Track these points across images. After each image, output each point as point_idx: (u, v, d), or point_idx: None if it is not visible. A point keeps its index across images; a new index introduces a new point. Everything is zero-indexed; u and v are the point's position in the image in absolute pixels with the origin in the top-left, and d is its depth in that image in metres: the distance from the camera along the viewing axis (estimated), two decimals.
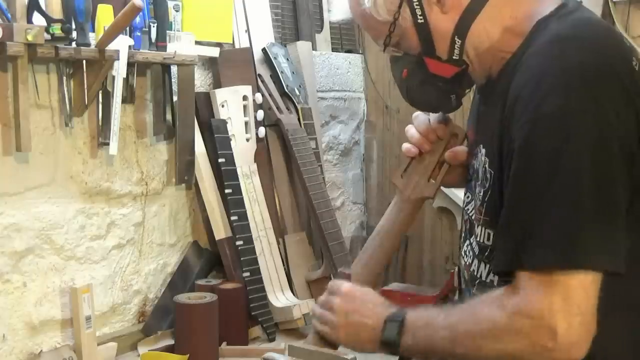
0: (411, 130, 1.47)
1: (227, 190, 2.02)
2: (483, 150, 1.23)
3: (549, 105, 1.06)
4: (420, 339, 1.18)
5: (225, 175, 2.03)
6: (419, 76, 1.28)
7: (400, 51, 1.28)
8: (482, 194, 1.23)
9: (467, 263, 1.30)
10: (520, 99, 1.10)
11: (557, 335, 1.03)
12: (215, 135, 2.03)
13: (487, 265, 1.24)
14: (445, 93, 1.30)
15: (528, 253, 1.05)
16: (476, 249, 1.27)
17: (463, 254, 1.33)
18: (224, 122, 2.06)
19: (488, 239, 1.22)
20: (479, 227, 1.25)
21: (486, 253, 1.23)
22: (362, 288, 1.32)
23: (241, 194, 2.05)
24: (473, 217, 1.28)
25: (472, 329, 1.11)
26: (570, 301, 1.03)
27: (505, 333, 1.07)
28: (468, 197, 1.33)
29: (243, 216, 2.05)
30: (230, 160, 2.05)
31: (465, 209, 1.34)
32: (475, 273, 1.27)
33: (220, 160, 2.02)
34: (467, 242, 1.31)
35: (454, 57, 1.24)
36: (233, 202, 2.03)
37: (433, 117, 1.45)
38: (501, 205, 1.14)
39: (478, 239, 1.25)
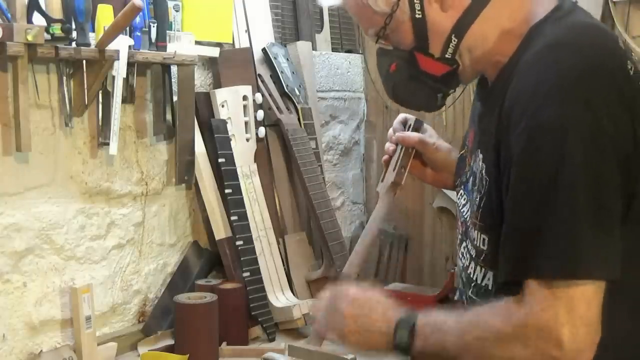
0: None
1: (227, 190, 2.02)
2: (480, 155, 1.23)
3: (544, 115, 1.06)
4: (430, 343, 1.19)
5: (225, 175, 2.03)
6: (408, 72, 1.26)
7: (390, 44, 1.27)
8: (478, 199, 1.23)
9: (465, 265, 1.31)
10: (516, 108, 1.10)
11: (563, 345, 1.05)
12: (215, 135, 2.03)
13: (483, 269, 1.24)
14: (433, 91, 1.29)
15: (532, 265, 1.07)
16: (472, 252, 1.27)
17: (460, 255, 1.34)
18: (224, 122, 2.06)
19: (483, 244, 1.22)
20: (475, 232, 1.25)
21: (482, 257, 1.24)
22: (368, 291, 1.31)
23: (241, 194, 2.05)
24: (469, 221, 1.28)
25: (480, 336, 1.13)
26: (574, 312, 1.05)
27: (512, 342, 1.09)
28: (465, 199, 1.33)
29: (243, 216, 2.05)
30: (230, 160, 2.04)
31: (461, 211, 1.34)
32: (472, 275, 1.28)
33: (220, 160, 2.02)
34: (464, 244, 1.32)
35: (446, 56, 1.23)
36: (233, 202, 2.03)
37: (395, 121, 1.52)
38: (497, 212, 1.15)
39: (475, 243, 1.25)
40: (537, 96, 1.08)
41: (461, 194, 1.35)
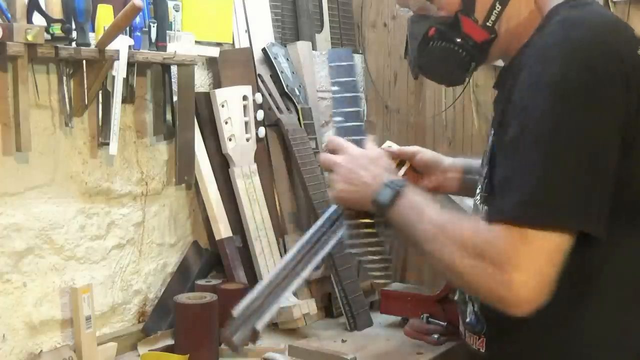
0: None
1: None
2: (492, 132, 1.29)
3: (548, 73, 1.11)
4: (405, 217, 1.28)
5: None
6: (449, 35, 1.31)
7: (428, 11, 1.33)
8: (487, 172, 1.29)
9: None
10: (524, 72, 1.15)
11: (512, 288, 1.07)
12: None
13: None
14: (468, 57, 1.33)
15: (507, 206, 1.10)
16: None
17: None
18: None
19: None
20: (481, 206, 1.31)
21: None
22: (365, 150, 1.44)
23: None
24: (478, 201, 1.35)
25: (448, 236, 1.18)
26: (534, 261, 1.07)
27: (472, 259, 1.12)
28: (480, 188, 1.40)
29: None
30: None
31: (475, 198, 1.41)
32: None
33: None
34: None
35: (487, 24, 1.29)
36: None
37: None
38: None
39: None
40: (543, 59, 1.13)
41: (477, 185, 1.42)
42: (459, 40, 1.30)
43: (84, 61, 1.74)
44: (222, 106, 2.07)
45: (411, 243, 1.28)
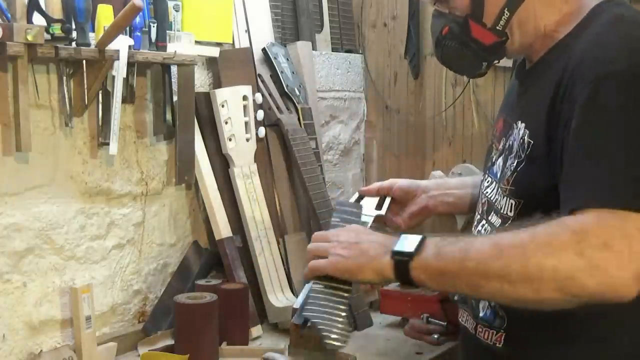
0: None
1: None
2: (522, 125, 1.28)
3: (614, 67, 1.12)
4: (446, 251, 1.14)
5: None
6: (459, 37, 1.34)
7: (447, 8, 1.35)
8: (514, 164, 1.27)
9: None
10: (583, 64, 1.15)
11: (623, 266, 1.02)
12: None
13: None
14: (479, 58, 1.37)
15: (606, 193, 1.06)
16: (497, 223, 1.32)
17: (477, 233, 1.40)
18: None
19: (511, 210, 1.27)
20: (504, 199, 1.29)
21: (507, 224, 1.28)
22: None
23: None
24: (496, 193, 1.34)
25: (519, 243, 1.08)
26: (634, 243, 1.03)
27: (563, 249, 1.04)
28: (488, 182, 1.41)
29: None
30: None
31: (484, 192, 1.41)
32: None
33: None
34: (483, 222, 1.38)
35: (497, 27, 1.31)
36: None
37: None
38: (539, 172, 1.20)
39: (502, 211, 1.30)
40: (607, 53, 1.14)
41: (486, 178, 1.43)
42: (468, 43, 1.33)
43: (84, 61, 1.74)
44: (222, 106, 2.07)
45: (463, 281, 1.13)
